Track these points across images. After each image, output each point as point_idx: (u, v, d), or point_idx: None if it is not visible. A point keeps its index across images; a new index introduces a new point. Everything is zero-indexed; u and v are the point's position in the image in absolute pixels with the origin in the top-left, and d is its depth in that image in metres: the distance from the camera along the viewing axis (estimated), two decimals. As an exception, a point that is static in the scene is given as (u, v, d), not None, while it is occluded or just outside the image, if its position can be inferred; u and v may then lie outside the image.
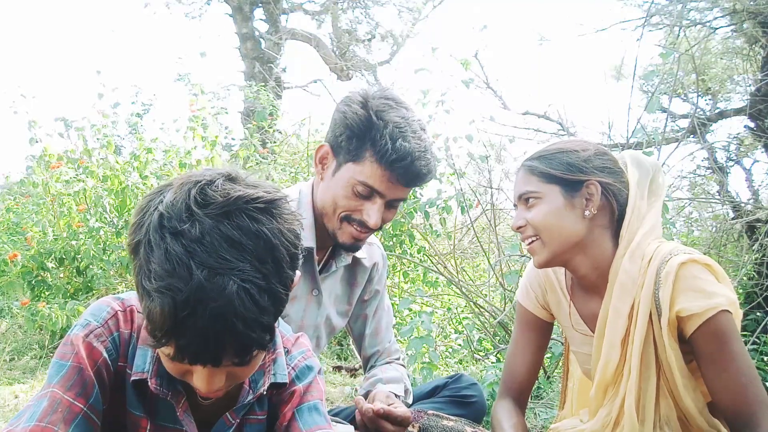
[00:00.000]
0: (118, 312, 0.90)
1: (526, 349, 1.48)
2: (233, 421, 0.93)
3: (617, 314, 1.27)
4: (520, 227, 1.33)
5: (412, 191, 1.59)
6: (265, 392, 0.95)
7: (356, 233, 1.41)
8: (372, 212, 1.37)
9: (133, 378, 0.88)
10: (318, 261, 1.51)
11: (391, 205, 1.42)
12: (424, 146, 1.36)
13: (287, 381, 0.96)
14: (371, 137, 1.32)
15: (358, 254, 1.59)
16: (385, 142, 1.30)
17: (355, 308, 1.68)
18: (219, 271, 0.70)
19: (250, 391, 0.94)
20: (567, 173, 1.29)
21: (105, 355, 0.86)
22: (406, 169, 1.33)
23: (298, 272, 0.82)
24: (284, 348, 0.99)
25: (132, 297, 0.94)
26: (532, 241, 1.32)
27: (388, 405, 1.38)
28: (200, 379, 0.78)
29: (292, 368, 0.98)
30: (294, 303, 1.49)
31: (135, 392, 0.90)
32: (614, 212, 1.31)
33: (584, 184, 1.28)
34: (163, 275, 0.70)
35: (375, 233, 1.56)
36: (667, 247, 1.26)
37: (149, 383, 0.87)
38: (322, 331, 1.59)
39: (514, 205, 1.39)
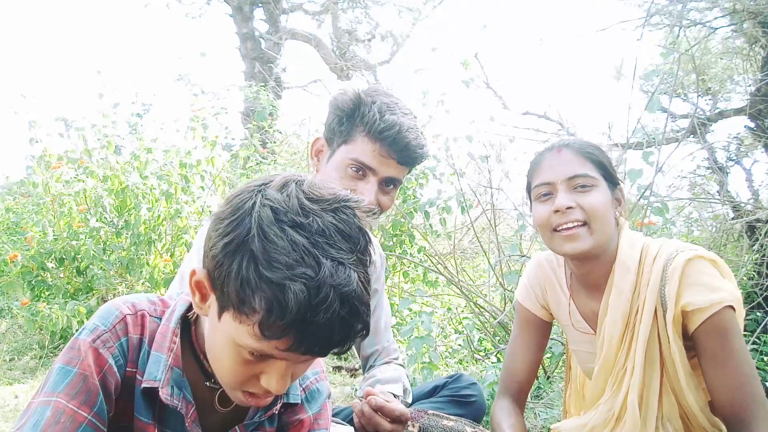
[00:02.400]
0: (128, 316, 0.88)
1: (526, 349, 1.47)
2: None
3: (620, 292, 1.27)
4: (569, 208, 1.24)
5: (406, 176, 1.58)
6: (276, 412, 0.95)
7: None
8: (366, 191, 1.38)
9: (143, 386, 0.87)
10: None
11: (386, 185, 1.42)
12: (413, 122, 1.39)
13: (299, 402, 0.97)
14: (360, 113, 1.37)
15: None
16: (373, 114, 1.35)
17: None
18: (341, 261, 0.74)
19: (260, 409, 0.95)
20: (613, 170, 1.29)
21: (111, 361, 0.85)
22: (395, 140, 1.36)
23: None
24: None
25: (143, 301, 0.92)
26: (576, 226, 1.24)
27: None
28: (276, 377, 0.80)
29: (303, 389, 0.98)
30: None
31: (144, 398, 0.89)
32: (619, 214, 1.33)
33: (617, 186, 1.30)
34: (291, 264, 0.72)
35: (372, 229, 1.57)
36: (673, 245, 1.26)
37: (160, 392, 0.86)
38: None
39: (542, 185, 1.30)
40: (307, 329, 0.72)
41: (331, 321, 0.73)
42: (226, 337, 0.79)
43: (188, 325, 0.91)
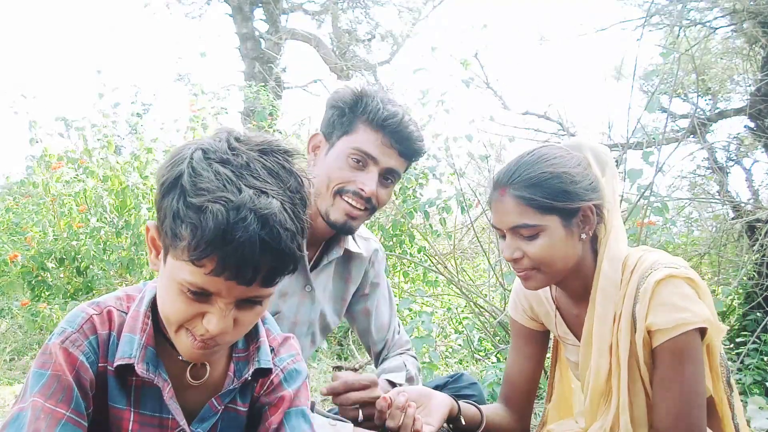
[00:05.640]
0: (94, 316, 0.91)
1: (524, 361, 1.47)
2: (219, 407, 0.95)
3: (602, 321, 1.25)
4: (516, 259, 1.24)
5: (406, 176, 1.64)
6: (249, 377, 0.95)
7: (349, 208, 1.40)
8: (367, 180, 1.39)
9: (117, 363, 0.88)
10: (309, 258, 1.52)
11: (385, 178, 1.43)
12: (411, 117, 1.44)
13: (271, 367, 0.97)
14: (363, 104, 1.40)
15: (353, 248, 1.59)
16: (376, 104, 1.39)
17: (357, 304, 1.67)
18: (264, 190, 0.78)
19: (235, 378, 0.96)
20: (566, 202, 1.20)
21: (82, 358, 0.87)
22: (397, 129, 1.39)
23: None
24: (270, 347, 1.00)
25: (109, 299, 0.94)
26: (527, 271, 1.25)
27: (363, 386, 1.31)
28: (216, 317, 0.82)
29: (281, 370, 1.00)
30: (287, 299, 1.49)
31: (117, 385, 0.90)
32: (596, 225, 1.27)
33: (581, 209, 1.22)
34: (214, 190, 0.77)
35: (372, 229, 1.60)
36: (650, 259, 1.23)
37: (136, 368, 0.88)
38: (316, 328, 1.59)
39: (494, 227, 1.29)
40: (228, 248, 0.75)
41: (250, 241, 0.75)
42: (169, 278, 0.82)
43: (157, 311, 0.93)
